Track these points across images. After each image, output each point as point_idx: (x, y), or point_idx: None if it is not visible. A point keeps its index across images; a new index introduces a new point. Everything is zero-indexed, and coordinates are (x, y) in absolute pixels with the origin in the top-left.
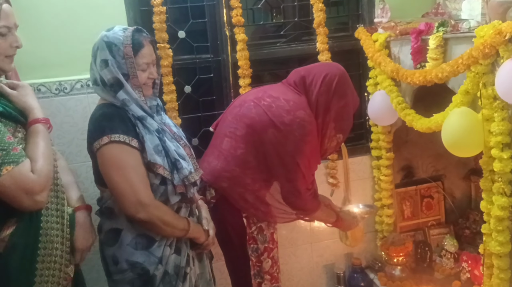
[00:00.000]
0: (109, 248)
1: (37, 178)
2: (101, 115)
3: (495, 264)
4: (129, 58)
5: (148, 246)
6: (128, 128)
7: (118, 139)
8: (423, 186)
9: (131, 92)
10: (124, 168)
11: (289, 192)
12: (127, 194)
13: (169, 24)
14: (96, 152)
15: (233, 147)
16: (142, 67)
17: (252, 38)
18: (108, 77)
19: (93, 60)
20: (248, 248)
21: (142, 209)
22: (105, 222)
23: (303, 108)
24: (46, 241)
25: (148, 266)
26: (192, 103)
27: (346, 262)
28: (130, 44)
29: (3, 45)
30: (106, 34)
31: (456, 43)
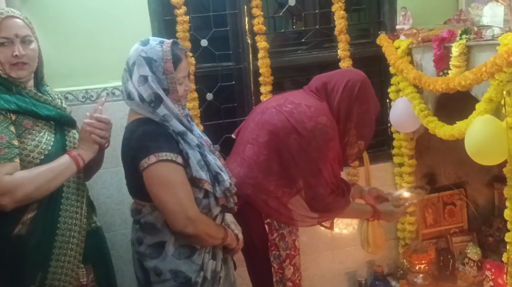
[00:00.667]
0: (151, 260)
1: (7, 182)
2: (144, 133)
3: None
4: (169, 73)
5: (190, 255)
6: (172, 145)
7: (165, 157)
8: (446, 193)
9: (172, 107)
10: (173, 186)
11: (312, 198)
12: (177, 211)
13: (191, 32)
14: (143, 170)
15: (255, 153)
16: (180, 80)
17: (273, 46)
18: (148, 93)
19: (128, 75)
20: (270, 255)
21: (190, 224)
22: (146, 236)
23: (325, 114)
24: (64, 229)
25: (190, 274)
26: (214, 110)
27: (367, 269)
28: (170, 60)
29: (4, 54)
30: (143, 49)
31: (479, 51)
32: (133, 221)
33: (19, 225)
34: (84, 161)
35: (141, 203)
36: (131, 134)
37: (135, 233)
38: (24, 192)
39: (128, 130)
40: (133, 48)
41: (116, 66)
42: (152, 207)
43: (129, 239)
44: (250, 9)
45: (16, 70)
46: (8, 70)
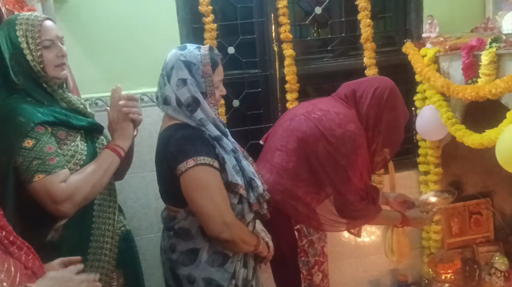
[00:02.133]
0: (184, 267)
1: (65, 189)
2: (182, 138)
3: None
4: (208, 76)
5: (223, 262)
6: (210, 150)
7: (203, 161)
8: (472, 202)
9: (209, 111)
10: (210, 190)
11: (343, 205)
12: (214, 216)
13: (219, 40)
14: (180, 175)
15: (284, 160)
16: (217, 84)
17: (299, 53)
18: (187, 96)
19: (165, 80)
20: (299, 261)
21: (227, 229)
22: (180, 242)
23: (353, 121)
24: (98, 235)
25: (223, 282)
26: (240, 117)
27: (391, 278)
28: (209, 63)
29: (49, 56)
30: (182, 53)
31: (510, 59)
32: (165, 228)
33: (52, 231)
34: (124, 149)
35: (175, 209)
36: (168, 139)
37: (167, 240)
38: (82, 194)
39: (165, 135)
40: (171, 53)
41: (145, 73)
42: (186, 213)
43: (155, 243)
44: (277, 17)
45: (60, 71)
46: (53, 72)
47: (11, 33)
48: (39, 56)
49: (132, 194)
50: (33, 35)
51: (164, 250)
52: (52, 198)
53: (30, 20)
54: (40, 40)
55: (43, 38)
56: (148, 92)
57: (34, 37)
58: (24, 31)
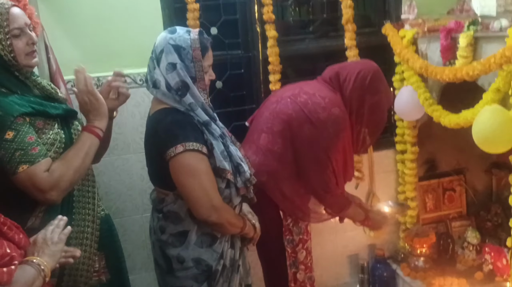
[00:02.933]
0: (174, 248)
1: (48, 177)
2: (172, 123)
3: None
4: (198, 61)
5: (212, 243)
6: (198, 135)
7: (192, 147)
8: (446, 179)
9: (198, 95)
10: (199, 175)
11: (319, 186)
12: (202, 200)
13: (201, 20)
14: (169, 159)
15: (270, 142)
16: (206, 69)
17: (281, 35)
18: (176, 81)
19: (154, 63)
20: (284, 240)
21: (214, 212)
22: (169, 225)
23: (338, 105)
24: (79, 219)
25: (211, 262)
26: (223, 98)
27: (369, 253)
28: (199, 47)
29: (20, 45)
30: (172, 37)
31: (487, 42)
32: (154, 209)
33: (32, 218)
34: (101, 129)
35: (164, 192)
36: (158, 123)
37: (156, 222)
38: (67, 180)
39: (154, 119)
40: (160, 36)
41: (128, 53)
42: (175, 196)
43: (140, 224)
44: None
45: (31, 59)
46: (24, 61)
47: None
48: (8, 45)
49: (116, 175)
50: (1, 24)
51: (153, 230)
52: (38, 187)
53: None
54: (8, 29)
55: (12, 27)
56: (131, 73)
57: (3, 26)
58: None
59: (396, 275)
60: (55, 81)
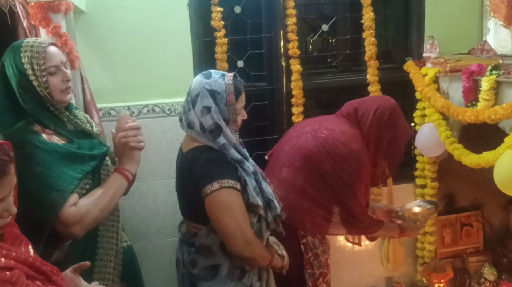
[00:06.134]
0: (205, 282)
1: (75, 212)
2: (208, 161)
3: None
4: (231, 105)
5: (241, 277)
6: (233, 172)
7: (228, 184)
8: (464, 214)
9: (230, 136)
10: (234, 211)
11: (349, 218)
12: (237, 235)
13: (229, 54)
14: (205, 196)
15: (291, 176)
16: (239, 111)
17: (305, 68)
18: (209, 123)
19: (190, 106)
20: (305, 274)
21: (248, 247)
22: (201, 259)
23: (357, 141)
24: (102, 253)
25: None
26: (247, 128)
27: (386, 285)
28: (233, 92)
29: (55, 81)
30: (207, 81)
31: (509, 87)
32: (184, 243)
33: (57, 251)
34: (132, 173)
35: (196, 226)
36: (194, 161)
37: (187, 255)
38: (92, 217)
39: (189, 157)
40: (196, 80)
41: (157, 84)
42: (208, 230)
43: (162, 248)
44: (285, 33)
45: (65, 95)
46: (59, 96)
47: (16, 60)
48: (45, 82)
49: (142, 200)
50: (38, 62)
51: (184, 264)
52: (63, 221)
53: (34, 47)
54: (45, 66)
55: (48, 64)
56: (160, 103)
57: (40, 64)
58: (29, 58)
59: None
60: (88, 110)
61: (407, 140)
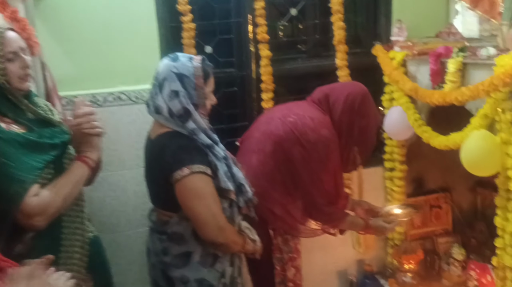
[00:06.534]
0: (177, 269)
1: (37, 203)
2: (177, 146)
3: (508, 277)
4: (200, 89)
5: (213, 263)
6: (203, 158)
7: (198, 170)
8: (433, 196)
9: (200, 121)
10: (205, 197)
11: (311, 207)
12: (210, 221)
13: (197, 40)
14: (176, 182)
15: (261, 163)
16: (208, 95)
17: (274, 54)
18: (178, 108)
19: (157, 90)
20: (274, 258)
21: (221, 233)
22: (173, 246)
23: (327, 127)
24: (68, 245)
25: (213, 281)
26: (216, 115)
27: (358, 268)
28: (201, 75)
29: (13, 68)
30: (174, 65)
31: (475, 69)
32: (155, 231)
33: (19, 244)
34: (93, 160)
35: (167, 214)
36: (163, 147)
37: (159, 243)
38: (54, 207)
39: (158, 143)
40: (163, 64)
41: (123, 71)
42: (180, 218)
43: (133, 240)
44: (254, 18)
45: (24, 83)
46: (17, 84)
47: None
48: (2, 69)
49: (111, 191)
50: None
51: (154, 252)
52: (25, 212)
53: None
54: (3, 52)
55: (6, 50)
56: (126, 90)
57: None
58: None
59: None
60: (50, 99)
61: (378, 127)
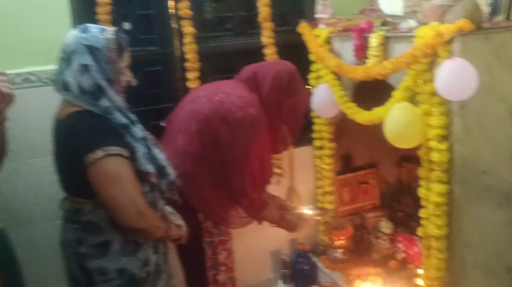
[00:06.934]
0: (95, 260)
1: None
2: (89, 126)
3: (433, 245)
4: (113, 63)
5: (135, 251)
6: (119, 138)
7: (113, 152)
8: (360, 173)
9: (114, 99)
10: (122, 181)
11: (237, 189)
12: (127, 206)
13: (114, 15)
14: (88, 166)
15: (187, 143)
16: (123, 70)
17: (199, 31)
18: (89, 84)
19: (65, 64)
20: (204, 242)
21: (141, 219)
22: (89, 236)
23: (254, 105)
24: None
25: (135, 270)
26: (139, 97)
27: (291, 248)
28: (114, 48)
29: None
30: (84, 36)
31: (396, 42)
32: (68, 220)
33: None
34: None
35: (80, 201)
36: (72, 128)
37: (72, 233)
38: None
39: (67, 124)
40: (72, 35)
41: (32, 50)
42: (94, 205)
43: (49, 233)
44: None
45: None
46: None
47: None
48: None
49: (22, 182)
50: None
51: (69, 243)
52: None
53: None
54: None
55: None
56: (35, 71)
57: None
58: None
59: (316, 268)
60: None
61: (307, 106)
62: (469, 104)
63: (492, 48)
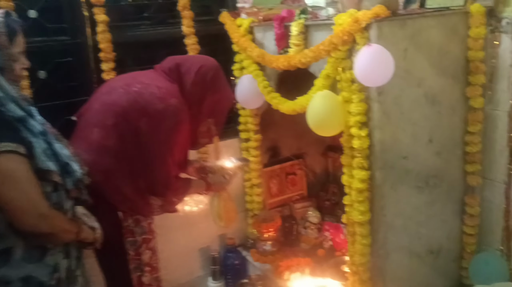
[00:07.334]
0: None
1: None
2: None
3: (357, 231)
4: (4, 48)
5: (42, 256)
6: (13, 134)
7: (7, 148)
8: (287, 164)
9: (7, 88)
10: (19, 181)
11: (160, 182)
12: (27, 209)
13: (17, 2)
14: None
15: (104, 137)
16: (16, 57)
17: (114, 20)
18: None
19: None
20: (125, 242)
21: (43, 221)
22: None
23: (175, 96)
24: None
25: (43, 278)
26: (49, 90)
27: (221, 243)
28: (4, 33)
29: None
30: None
31: (316, 30)
32: None
33: None
34: None
35: None
36: None
37: None
38: None
39: None
40: None
41: None
42: None
43: None
44: None
45: None
46: None
47: None
48: None
49: None
50: None
51: None
52: None
53: None
54: None
55: None
56: None
57: None
58: None
59: (246, 262)
60: None
61: (230, 103)
62: (387, 90)
63: (407, 34)
